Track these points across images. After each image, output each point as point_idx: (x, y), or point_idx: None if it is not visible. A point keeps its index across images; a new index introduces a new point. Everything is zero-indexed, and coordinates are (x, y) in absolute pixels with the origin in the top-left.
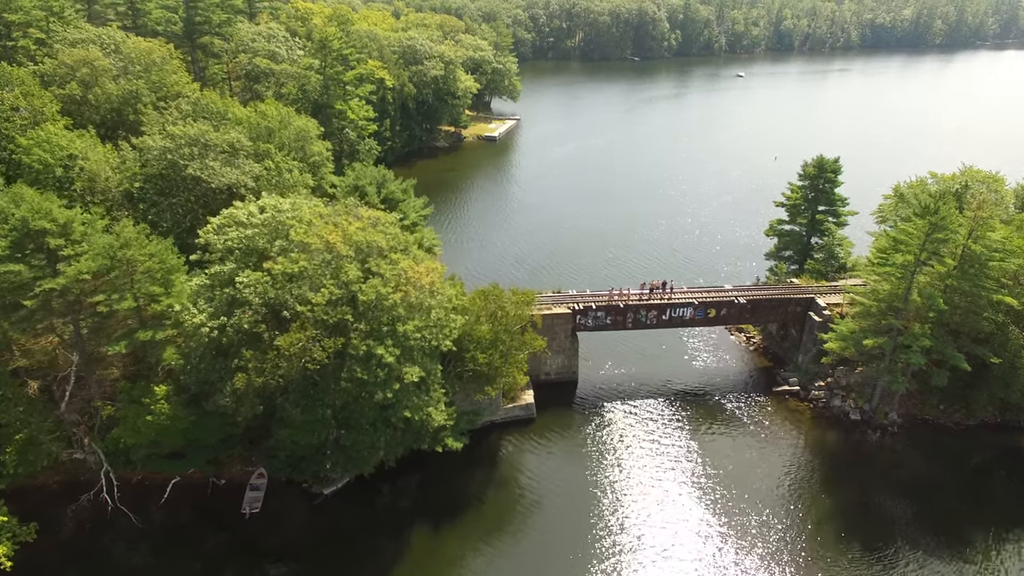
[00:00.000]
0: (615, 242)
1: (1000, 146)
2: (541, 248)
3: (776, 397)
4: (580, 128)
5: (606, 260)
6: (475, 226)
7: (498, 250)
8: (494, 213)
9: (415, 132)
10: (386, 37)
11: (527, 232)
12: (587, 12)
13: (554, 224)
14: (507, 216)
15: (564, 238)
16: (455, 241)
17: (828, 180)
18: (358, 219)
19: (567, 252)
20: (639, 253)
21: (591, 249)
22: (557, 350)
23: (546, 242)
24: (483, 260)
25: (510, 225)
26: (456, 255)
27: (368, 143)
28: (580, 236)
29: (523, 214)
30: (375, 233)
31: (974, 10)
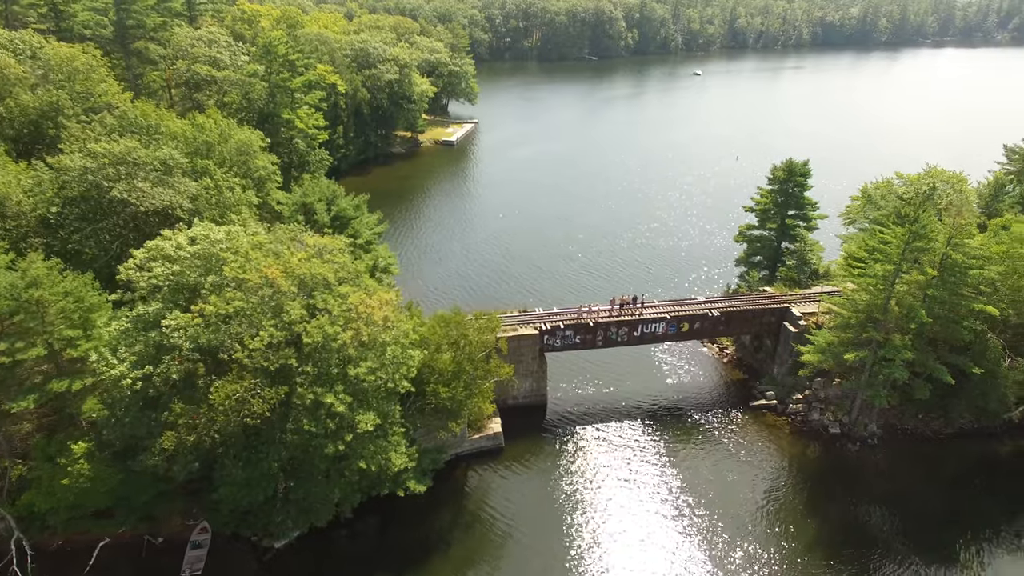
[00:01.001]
0: (580, 251)
1: (951, 141)
2: (504, 261)
3: (753, 412)
4: (540, 130)
5: (572, 271)
6: (433, 238)
7: (458, 264)
8: (453, 223)
9: (370, 138)
10: (337, 40)
11: (489, 243)
12: (543, 12)
13: (516, 234)
14: (467, 226)
15: (527, 249)
16: (413, 256)
17: (797, 184)
18: (302, 247)
19: (531, 264)
20: (605, 262)
21: (556, 260)
22: (524, 373)
23: (509, 254)
24: (442, 276)
25: (470, 236)
26: (414, 271)
27: (319, 153)
28: (544, 246)
29: (484, 223)
30: (320, 265)
31: (915, 9)
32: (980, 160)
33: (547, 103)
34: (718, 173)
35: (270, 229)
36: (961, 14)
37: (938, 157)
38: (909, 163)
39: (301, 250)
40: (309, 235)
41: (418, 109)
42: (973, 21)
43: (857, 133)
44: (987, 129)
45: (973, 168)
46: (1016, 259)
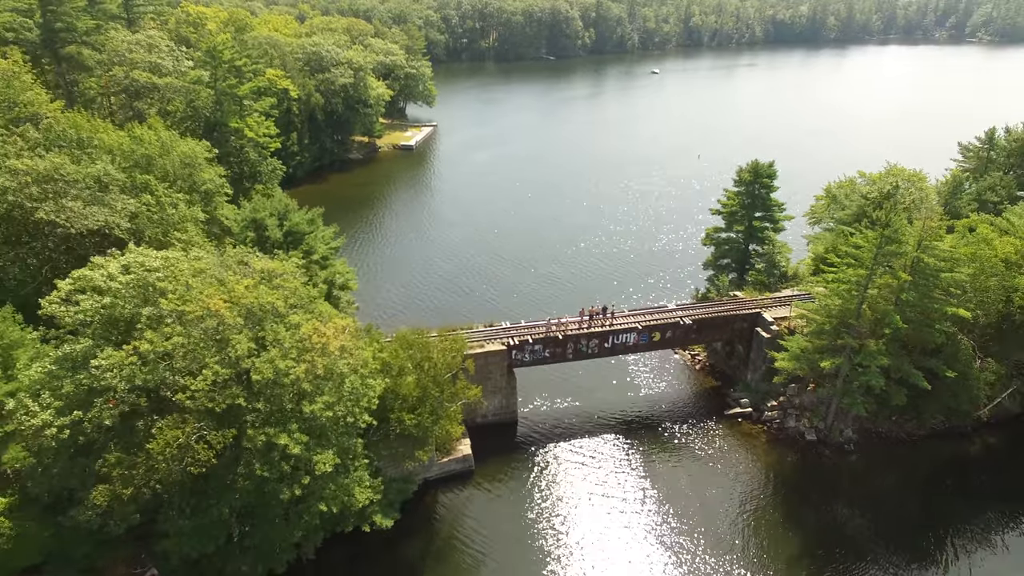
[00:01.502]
0: (544, 260)
1: (903, 138)
2: (468, 271)
3: (728, 421)
4: (499, 133)
5: (537, 282)
6: (394, 248)
7: (420, 276)
8: (414, 232)
9: (326, 145)
10: (288, 44)
11: (451, 253)
12: (500, 12)
13: (480, 242)
14: (429, 235)
15: (492, 258)
16: (373, 268)
17: (764, 185)
18: (249, 272)
19: (496, 274)
20: (571, 270)
21: (520, 271)
22: (493, 390)
23: (473, 263)
24: (404, 289)
25: (432, 245)
26: (375, 284)
27: (271, 163)
28: (507, 256)
29: (446, 232)
30: (269, 292)
31: (861, 7)
32: (932, 156)
33: (506, 104)
34: (681, 173)
35: (218, 247)
36: (903, 12)
37: (892, 154)
38: (864, 160)
39: (248, 276)
40: (257, 257)
41: (375, 113)
42: (913, 19)
43: (813, 130)
44: (935, 125)
45: (926, 164)
46: (983, 260)
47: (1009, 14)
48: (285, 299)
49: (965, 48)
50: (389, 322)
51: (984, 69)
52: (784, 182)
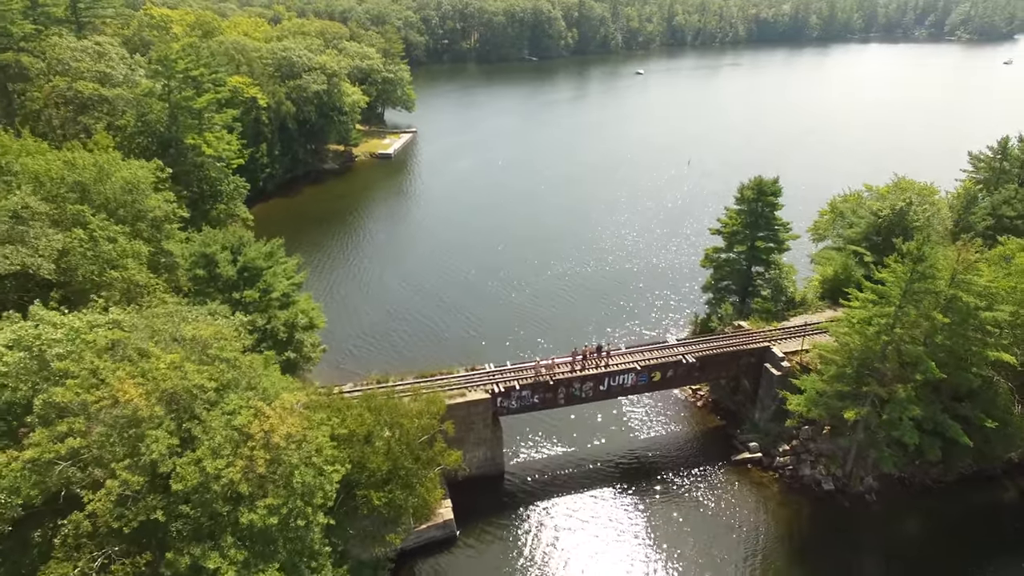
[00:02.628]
0: (532, 285)
1: (898, 142)
2: (448, 300)
3: (736, 467)
4: (482, 138)
5: (524, 310)
6: (368, 272)
7: (396, 307)
8: (391, 254)
9: (298, 155)
10: (257, 48)
11: (429, 278)
12: (481, 12)
13: (460, 267)
14: (405, 257)
15: (474, 285)
16: (345, 297)
17: (767, 204)
18: (178, 339)
19: (478, 303)
20: (558, 294)
21: (506, 298)
22: (476, 442)
23: (453, 291)
24: (379, 324)
25: (409, 270)
26: (346, 318)
27: (233, 181)
28: (492, 281)
29: (423, 253)
30: (198, 373)
31: (843, 6)
32: (929, 157)
33: (488, 108)
34: (670, 180)
35: (146, 303)
36: (883, 11)
37: (885, 156)
38: (859, 165)
39: (177, 347)
40: (192, 321)
41: (350, 121)
42: (893, 18)
43: (803, 131)
44: (931, 128)
45: (919, 163)
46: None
47: (987, 13)
48: (221, 376)
49: (944, 46)
50: (360, 364)
51: (964, 68)
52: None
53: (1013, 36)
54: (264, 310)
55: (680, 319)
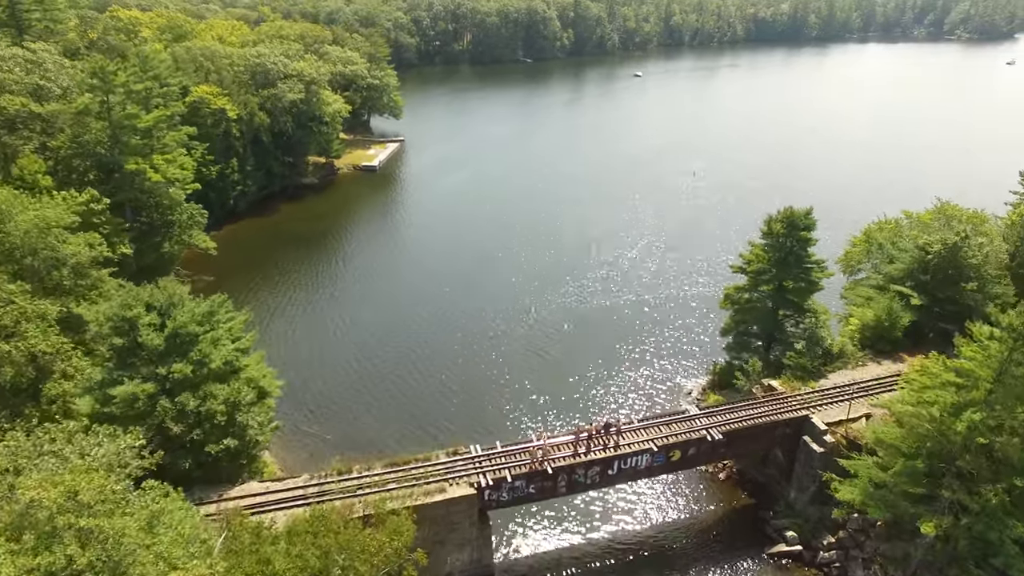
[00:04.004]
0: (524, 329)
1: (915, 152)
2: (428, 350)
3: (771, 562)
4: (474, 147)
5: (515, 360)
6: (341, 309)
7: (368, 355)
8: (368, 285)
9: (273, 170)
10: (229, 55)
11: (408, 318)
12: (474, 12)
13: (443, 300)
14: (384, 289)
15: (458, 327)
16: (312, 350)
17: (800, 240)
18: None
19: (463, 354)
20: (557, 341)
21: (495, 344)
22: (459, 543)
23: (434, 334)
24: (347, 384)
25: (387, 307)
26: (309, 377)
27: (188, 209)
28: (479, 321)
29: (405, 284)
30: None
31: (841, 5)
32: (942, 170)
33: (481, 114)
34: (675, 195)
35: None
36: (881, 10)
37: (900, 172)
38: (876, 180)
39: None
40: (55, 453)
41: (331, 131)
42: (892, 17)
43: (812, 140)
44: (940, 133)
45: (938, 181)
46: None
47: (987, 11)
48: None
49: (944, 46)
50: (324, 429)
51: (966, 68)
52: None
53: (1013, 35)
54: (198, 386)
55: (694, 366)
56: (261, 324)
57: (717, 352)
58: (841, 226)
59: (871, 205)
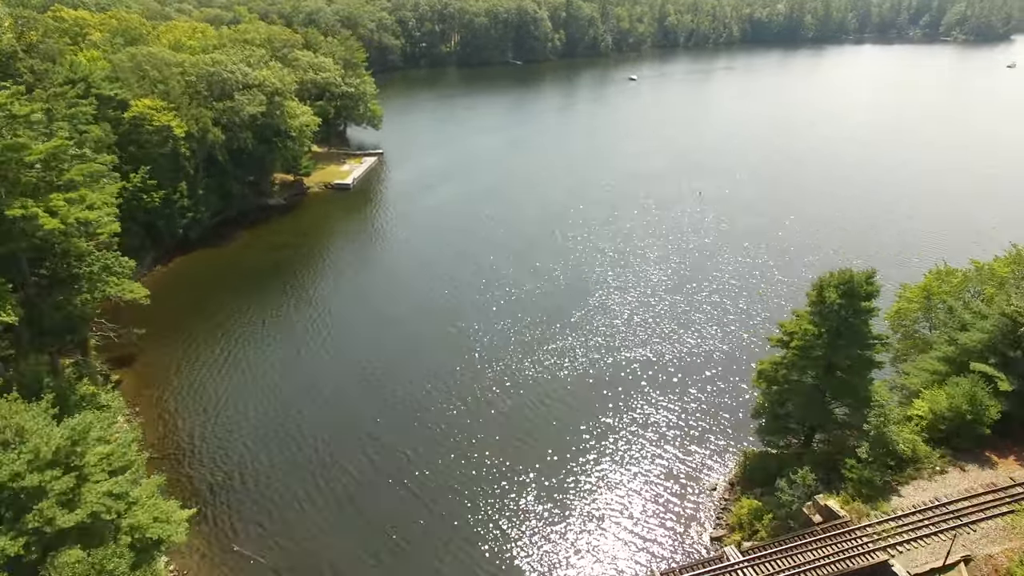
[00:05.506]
0: (504, 397)
1: (931, 171)
2: (400, 459)
3: None
4: (460, 160)
5: (490, 445)
6: (292, 390)
7: (325, 461)
8: (328, 337)
9: (232, 191)
10: (180, 63)
11: (366, 387)
12: (461, 13)
13: (409, 360)
14: (344, 346)
15: (432, 425)
16: (249, 438)
17: (859, 310)
18: None
19: (437, 459)
20: (544, 412)
21: (469, 422)
22: None
23: (405, 434)
24: (297, 493)
25: (343, 372)
26: (243, 474)
27: (102, 258)
28: (451, 390)
29: (369, 338)
30: None
31: (837, 5)
32: (962, 189)
33: (468, 122)
34: (679, 221)
35: None
36: (877, 11)
37: (915, 185)
38: (881, 189)
39: None
40: None
41: (299, 147)
42: (887, 18)
43: (819, 152)
44: (950, 144)
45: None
46: None
47: (983, 13)
48: None
49: (940, 47)
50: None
51: (965, 71)
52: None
53: (1009, 37)
54: (41, 560)
55: (717, 451)
56: (194, 391)
57: (743, 428)
58: (861, 253)
59: (890, 232)
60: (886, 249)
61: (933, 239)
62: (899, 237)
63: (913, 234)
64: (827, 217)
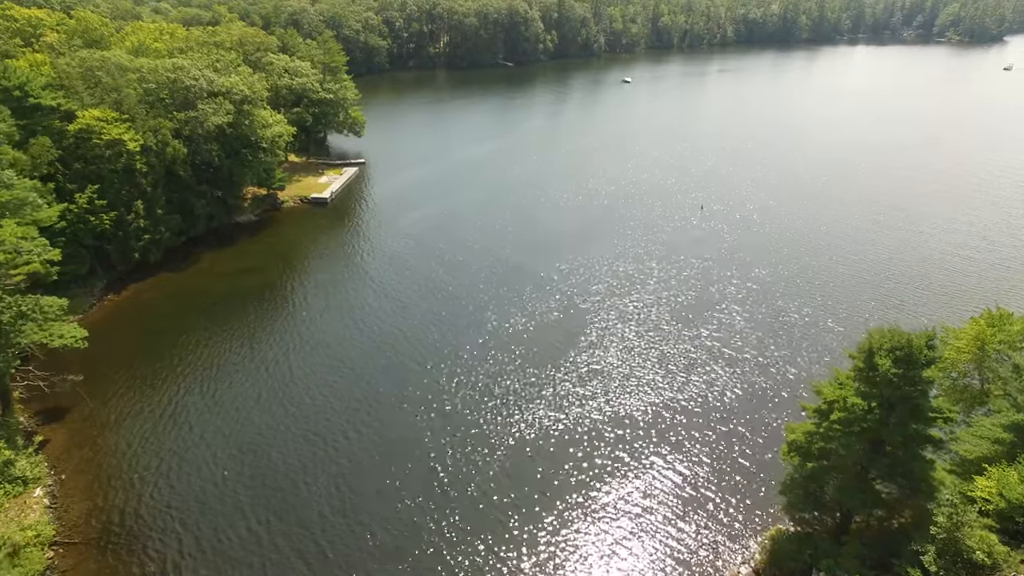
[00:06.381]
0: (482, 464)
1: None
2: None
3: None
4: (444, 172)
5: (471, 546)
6: (254, 423)
7: (263, 504)
8: (291, 386)
9: (196, 209)
10: (136, 69)
11: (328, 452)
12: (450, 13)
13: (366, 416)
14: (303, 400)
15: (403, 501)
16: (188, 514)
17: (915, 380)
18: None
19: (407, 545)
20: (530, 482)
21: (445, 499)
22: None
23: (383, 513)
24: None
25: (302, 434)
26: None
27: (22, 305)
28: (425, 461)
29: (339, 390)
30: None
31: (831, 6)
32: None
33: (455, 128)
34: (678, 239)
35: None
36: (870, 11)
37: (928, 198)
38: (891, 200)
39: None
40: None
41: (272, 158)
42: (881, 19)
43: (825, 159)
44: (957, 152)
45: None
46: None
47: (977, 13)
48: None
49: (934, 48)
50: None
51: (963, 73)
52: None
53: (1003, 38)
54: None
55: (736, 532)
56: (133, 452)
57: (766, 500)
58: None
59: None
60: (910, 276)
61: (963, 266)
62: (922, 265)
63: (942, 264)
64: (843, 234)
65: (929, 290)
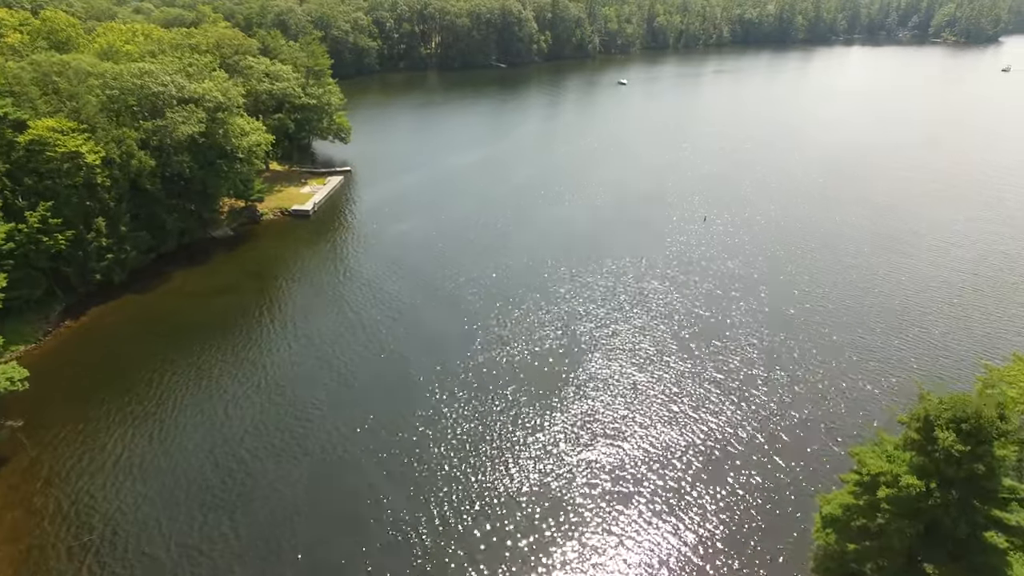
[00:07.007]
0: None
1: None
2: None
3: None
4: (434, 181)
5: None
6: (216, 468)
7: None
8: (264, 433)
9: (166, 225)
10: (100, 74)
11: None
12: (442, 13)
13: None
14: (277, 448)
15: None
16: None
17: (984, 456)
18: None
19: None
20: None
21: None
22: None
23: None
24: None
25: (271, 484)
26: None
27: None
28: (406, 542)
29: (312, 438)
30: None
31: (827, 6)
32: None
33: (446, 134)
34: (681, 253)
35: None
36: (865, 12)
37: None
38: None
39: None
40: None
41: (249, 169)
42: (876, 19)
43: (830, 162)
44: (963, 156)
45: None
46: None
47: (973, 14)
48: None
49: (930, 49)
50: None
51: (960, 74)
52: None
53: (998, 39)
54: None
55: None
56: (74, 512)
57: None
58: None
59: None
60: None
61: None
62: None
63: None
64: (860, 251)
65: (961, 320)
